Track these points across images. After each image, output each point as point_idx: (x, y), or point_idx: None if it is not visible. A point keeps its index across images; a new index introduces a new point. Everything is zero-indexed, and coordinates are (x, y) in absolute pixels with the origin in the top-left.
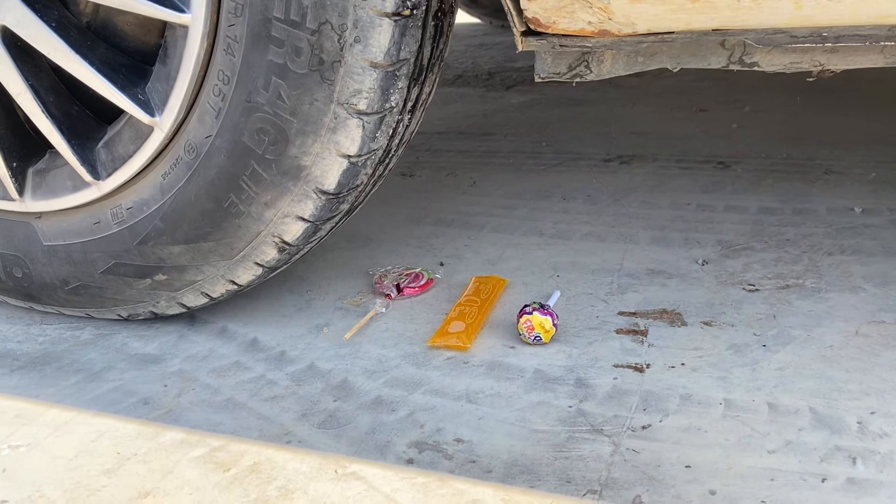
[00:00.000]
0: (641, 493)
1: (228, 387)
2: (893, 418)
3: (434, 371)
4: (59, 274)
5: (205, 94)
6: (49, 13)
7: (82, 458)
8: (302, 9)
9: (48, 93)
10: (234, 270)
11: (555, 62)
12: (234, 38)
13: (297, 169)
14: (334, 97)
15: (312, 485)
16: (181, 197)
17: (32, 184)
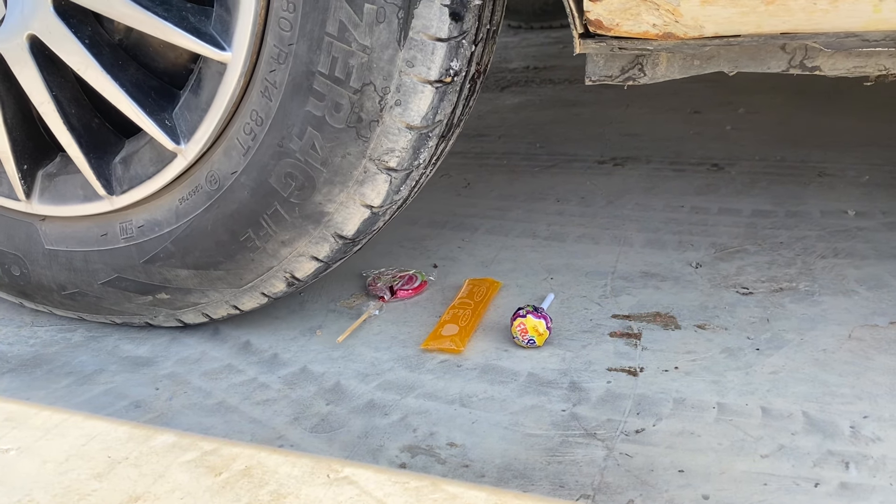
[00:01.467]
0: (634, 498)
1: (220, 390)
2: (886, 422)
3: (427, 374)
4: (57, 278)
5: (234, 130)
6: (83, 29)
7: (73, 462)
8: (348, 68)
9: (71, 104)
10: (239, 298)
11: (607, 65)
12: (273, 83)
13: (319, 214)
14: (367, 153)
15: (304, 489)
16: (197, 224)
17: (41, 186)
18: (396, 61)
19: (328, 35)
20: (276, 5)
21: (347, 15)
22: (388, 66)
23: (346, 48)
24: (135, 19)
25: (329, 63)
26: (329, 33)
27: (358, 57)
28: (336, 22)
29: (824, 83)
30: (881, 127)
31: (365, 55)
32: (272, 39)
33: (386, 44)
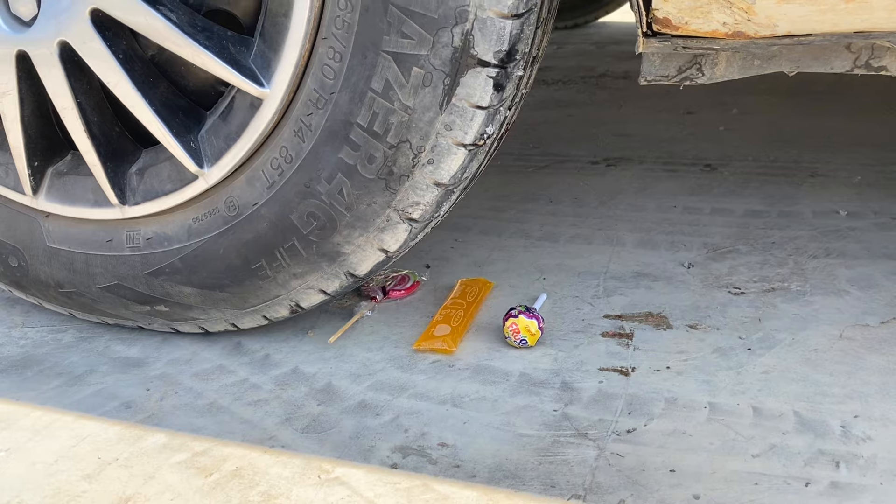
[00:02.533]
0: (626, 498)
1: (211, 390)
2: (877, 422)
3: (419, 375)
4: (55, 276)
5: (260, 162)
6: (118, 43)
7: (62, 464)
8: (387, 124)
9: (94, 112)
10: (239, 318)
11: (663, 65)
12: (308, 125)
13: (335, 254)
14: (393, 204)
15: (295, 490)
16: (209, 246)
17: (49, 184)
18: (435, 124)
19: (372, 91)
20: (321, 52)
21: (394, 75)
22: (426, 127)
23: (388, 105)
24: (176, 45)
25: (369, 117)
26: (373, 89)
27: (399, 115)
28: (382, 80)
29: (817, 85)
30: (873, 128)
31: (406, 115)
32: (313, 83)
33: (428, 107)
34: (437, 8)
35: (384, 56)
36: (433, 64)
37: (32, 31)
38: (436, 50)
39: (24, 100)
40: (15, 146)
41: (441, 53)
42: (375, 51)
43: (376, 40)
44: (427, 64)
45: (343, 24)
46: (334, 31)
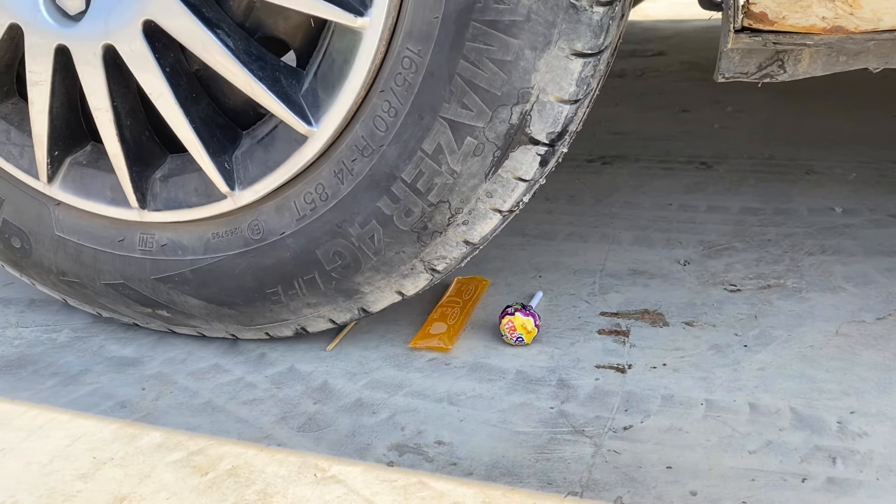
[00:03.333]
0: (622, 495)
1: (207, 390)
2: (873, 417)
3: (415, 373)
4: (59, 265)
5: (293, 193)
6: (166, 56)
7: (57, 463)
8: (431, 184)
9: (127, 116)
10: (241, 332)
11: (743, 61)
12: (350, 169)
13: (354, 291)
14: (420, 255)
15: (291, 488)
16: (225, 264)
17: (65, 173)
18: (478, 190)
19: (422, 151)
20: (375, 103)
21: (448, 140)
22: (468, 192)
23: (435, 167)
24: (230, 72)
25: (415, 174)
26: (424, 150)
27: (444, 178)
28: (434, 143)
29: (812, 82)
30: (868, 124)
31: (451, 178)
32: (362, 131)
33: (474, 174)
34: (502, 86)
35: (441, 121)
36: (487, 136)
37: (78, 28)
38: (492, 124)
39: (55, 91)
40: (38, 134)
41: (497, 128)
42: (433, 115)
43: (435, 105)
44: (481, 136)
45: (404, 82)
46: (393, 86)
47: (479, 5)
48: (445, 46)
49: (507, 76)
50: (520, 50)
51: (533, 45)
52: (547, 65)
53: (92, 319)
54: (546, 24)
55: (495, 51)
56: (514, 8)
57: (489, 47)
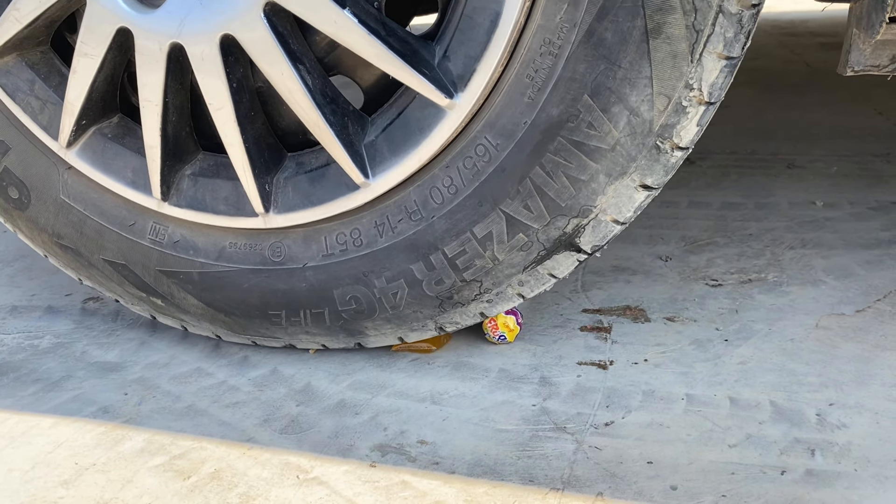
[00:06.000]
0: (603, 491)
1: (190, 393)
2: (851, 409)
3: (398, 373)
4: (57, 228)
5: (327, 229)
6: (236, 71)
7: (39, 470)
8: (470, 264)
9: (174, 112)
10: (228, 336)
11: (874, 54)
12: (392, 226)
13: (358, 332)
14: (436, 318)
15: (274, 491)
16: (235, 276)
17: (87, 141)
18: (512, 279)
19: (472, 233)
20: (436, 174)
21: (500, 232)
22: (503, 278)
23: (479, 250)
24: (301, 108)
25: (457, 251)
26: (474, 233)
27: (485, 262)
28: (486, 230)
29: (794, 77)
30: (849, 119)
31: (491, 264)
32: (415, 196)
33: (514, 265)
34: (568, 199)
35: (499, 213)
36: (538, 237)
37: (150, 18)
38: (547, 229)
39: (102, 67)
40: (71, 101)
41: (550, 233)
42: (493, 205)
43: (498, 197)
44: (533, 236)
45: (473, 166)
46: (461, 166)
47: (571, 125)
48: (525, 150)
49: (575, 192)
50: (596, 173)
51: (609, 172)
52: (615, 191)
53: (74, 325)
54: (627, 157)
55: (573, 168)
56: (604, 137)
57: (568, 164)
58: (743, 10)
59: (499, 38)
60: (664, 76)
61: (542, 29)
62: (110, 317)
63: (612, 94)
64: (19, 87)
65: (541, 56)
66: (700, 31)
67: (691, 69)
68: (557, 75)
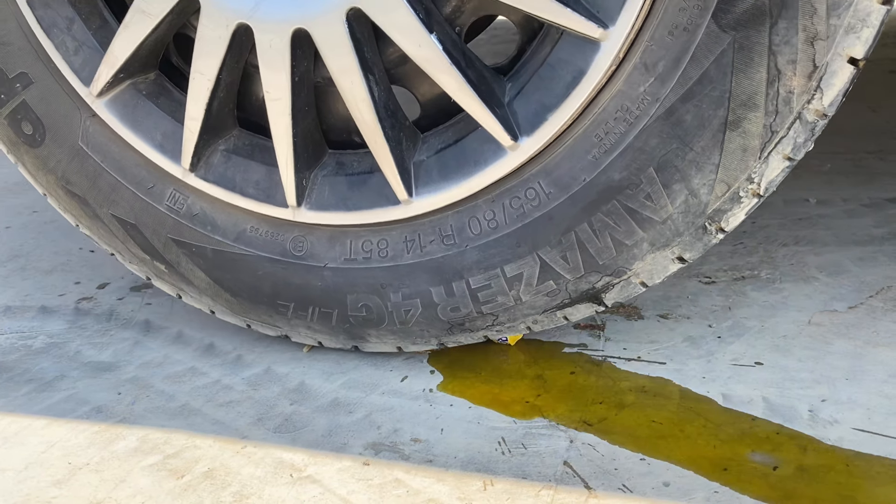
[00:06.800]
0: (596, 487)
1: (184, 393)
2: (844, 405)
3: (392, 371)
4: (68, 174)
5: (354, 233)
6: (300, 64)
7: (32, 470)
8: (491, 299)
9: (224, 89)
10: (224, 314)
11: None
12: (421, 245)
13: (360, 337)
14: (441, 337)
15: (267, 489)
16: (250, 261)
17: (118, 95)
18: (527, 318)
19: (502, 271)
20: (478, 205)
21: (531, 275)
22: (519, 316)
23: (504, 288)
24: (365, 127)
25: (481, 283)
26: (504, 271)
27: (507, 299)
28: (517, 270)
29: None
30: (842, 116)
31: (513, 302)
32: (452, 221)
33: (535, 307)
34: (607, 259)
35: (535, 257)
36: (567, 287)
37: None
38: (578, 282)
39: (158, 28)
40: (114, 54)
41: (580, 286)
42: (530, 249)
43: (538, 243)
44: (563, 285)
45: (519, 207)
46: (506, 204)
47: (629, 192)
48: (577, 205)
49: (616, 254)
50: (641, 241)
51: (654, 242)
52: (653, 259)
53: (67, 325)
54: (674, 232)
55: (620, 232)
56: (658, 210)
57: (616, 227)
58: (818, 119)
59: (577, 94)
60: (730, 166)
61: (623, 95)
62: (104, 317)
63: (678, 173)
64: (56, 23)
65: (615, 120)
66: (775, 132)
67: (757, 164)
68: (627, 143)
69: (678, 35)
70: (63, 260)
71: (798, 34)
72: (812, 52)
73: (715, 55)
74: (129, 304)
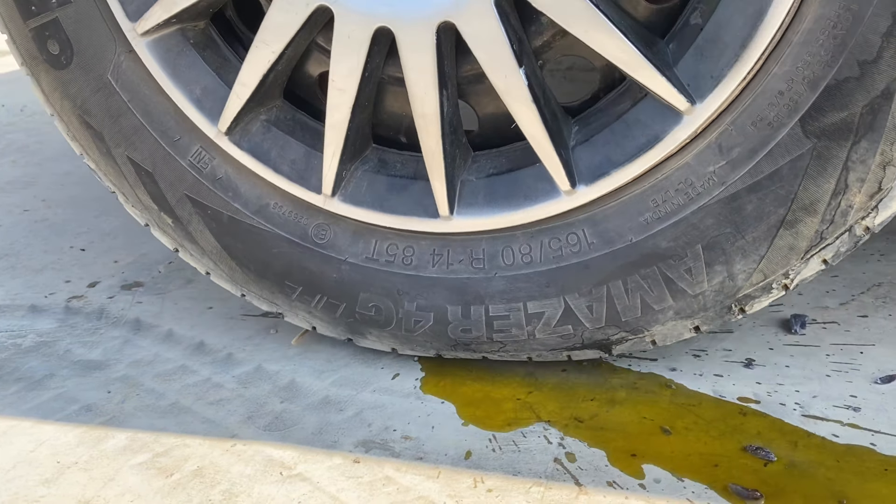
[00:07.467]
0: (587, 483)
1: (173, 391)
2: (833, 401)
3: (384, 369)
4: (88, 107)
5: (382, 234)
6: (373, 60)
7: (20, 469)
8: (505, 326)
9: (284, 62)
10: (222, 280)
11: None
12: (448, 263)
13: (359, 333)
14: (439, 348)
15: (257, 487)
16: (267, 237)
17: (162, 38)
18: (533, 352)
19: (524, 305)
20: (517, 235)
21: (551, 315)
22: (527, 349)
23: (522, 323)
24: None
25: (499, 314)
26: (526, 306)
27: (521, 333)
28: (539, 308)
29: None
30: None
31: (526, 337)
32: (486, 246)
33: (546, 345)
34: (630, 317)
35: (561, 300)
36: (583, 334)
37: None
38: (596, 331)
39: None
40: None
41: (596, 335)
42: (559, 292)
43: (567, 288)
44: (580, 331)
45: (558, 248)
46: (545, 242)
47: (672, 262)
48: (617, 261)
49: (640, 315)
50: (668, 308)
51: (679, 311)
52: (673, 326)
53: (57, 324)
54: (702, 307)
55: (651, 297)
56: (694, 285)
57: (649, 291)
58: (864, 234)
59: (646, 158)
60: (773, 260)
61: (690, 169)
62: (94, 315)
63: (723, 256)
64: None
65: (676, 191)
66: (824, 239)
67: (797, 263)
68: (683, 216)
69: (761, 128)
70: (53, 258)
71: (875, 157)
72: (881, 175)
73: (792, 157)
74: (120, 302)
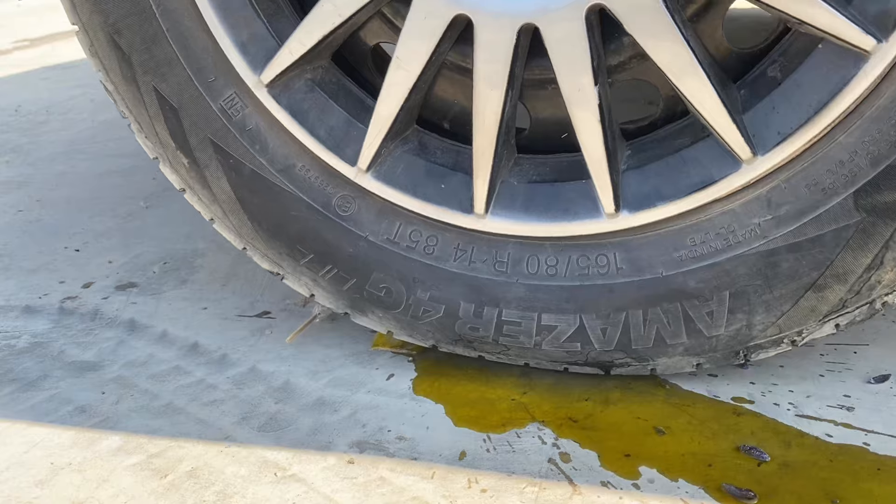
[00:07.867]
0: (581, 483)
1: (168, 392)
2: (827, 401)
3: (378, 370)
4: (120, 27)
5: (407, 218)
6: (443, 44)
7: (14, 470)
8: (515, 333)
9: (343, 28)
10: (228, 234)
11: None
12: (470, 259)
13: (360, 310)
14: (448, 338)
15: (251, 488)
16: (286, 199)
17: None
18: (532, 360)
19: (539, 317)
20: (545, 246)
21: (564, 330)
22: (528, 357)
23: (532, 332)
24: None
25: (512, 319)
26: (541, 317)
27: (529, 341)
28: (554, 322)
29: None
30: None
31: (532, 346)
32: (512, 251)
33: (549, 356)
34: (641, 346)
35: (577, 318)
36: (589, 354)
37: None
38: (601, 353)
39: None
40: None
41: (601, 357)
42: (576, 309)
43: (586, 308)
44: (587, 350)
45: (585, 266)
46: (573, 257)
47: (696, 303)
48: (643, 291)
49: (651, 347)
50: (679, 345)
51: (689, 348)
52: (679, 360)
53: (51, 325)
54: (712, 348)
55: (668, 331)
56: (712, 328)
57: (667, 325)
58: (881, 308)
59: (695, 198)
60: (793, 318)
61: (734, 217)
62: (88, 316)
63: (747, 306)
64: None
65: (716, 235)
66: (845, 307)
67: (813, 325)
68: (716, 260)
69: (814, 192)
70: (48, 259)
71: None
72: None
73: (838, 226)
74: (114, 303)
